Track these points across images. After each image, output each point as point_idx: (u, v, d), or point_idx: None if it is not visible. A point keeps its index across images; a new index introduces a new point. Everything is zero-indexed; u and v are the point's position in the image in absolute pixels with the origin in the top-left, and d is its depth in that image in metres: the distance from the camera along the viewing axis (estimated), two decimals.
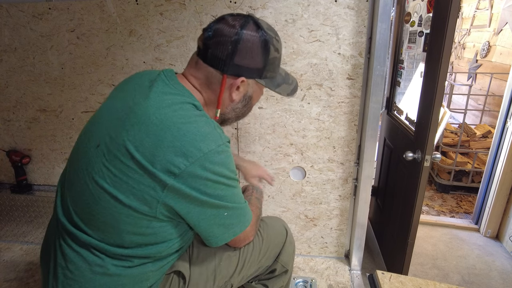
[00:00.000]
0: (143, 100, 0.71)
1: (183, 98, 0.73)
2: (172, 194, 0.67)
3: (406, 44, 1.64)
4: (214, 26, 0.74)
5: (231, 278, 0.92)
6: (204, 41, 0.75)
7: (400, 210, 1.46)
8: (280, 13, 1.30)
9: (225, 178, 0.71)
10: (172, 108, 0.70)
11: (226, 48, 0.73)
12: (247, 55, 0.74)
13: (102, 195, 0.68)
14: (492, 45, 3.39)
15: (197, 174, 0.66)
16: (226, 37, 0.73)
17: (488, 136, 2.74)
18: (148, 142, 0.65)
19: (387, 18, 1.22)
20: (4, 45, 1.55)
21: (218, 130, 0.72)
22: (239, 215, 0.77)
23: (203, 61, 0.76)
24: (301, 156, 1.51)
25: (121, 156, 0.66)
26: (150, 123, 0.67)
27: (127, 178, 0.66)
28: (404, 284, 1.04)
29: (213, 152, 0.67)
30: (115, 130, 0.69)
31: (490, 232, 1.97)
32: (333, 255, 1.69)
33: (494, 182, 1.89)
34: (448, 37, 1.06)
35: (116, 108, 0.74)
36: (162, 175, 0.65)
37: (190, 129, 0.67)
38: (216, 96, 0.79)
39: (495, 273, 1.70)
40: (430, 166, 1.20)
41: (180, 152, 0.65)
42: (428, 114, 1.16)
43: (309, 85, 1.39)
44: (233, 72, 0.76)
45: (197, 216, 0.71)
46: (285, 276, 1.05)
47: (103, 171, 0.68)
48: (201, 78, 0.77)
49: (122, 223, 0.69)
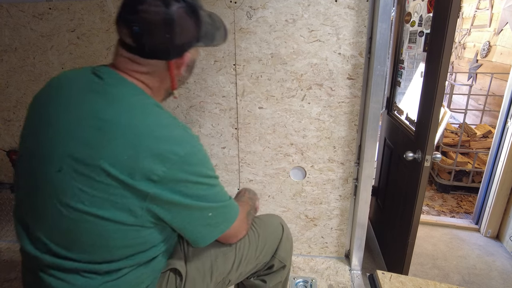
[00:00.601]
0: (103, 112, 0.65)
1: (140, 98, 0.70)
2: (154, 201, 0.66)
3: (406, 44, 1.64)
4: (137, 19, 0.67)
5: (228, 274, 0.93)
6: (134, 38, 0.68)
7: (401, 210, 1.46)
8: (280, 13, 1.30)
9: (205, 177, 0.71)
10: (137, 115, 0.66)
11: (163, 37, 0.68)
12: (183, 31, 0.70)
13: (83, 218, 0.65)
14: (492, 45, 3.39)
15: (176, 178, 0.66)
16: (157, 25, 0.67)
17: (488, 136, 2.73)
18: (123, 156, 0.63)
19: (387, 18, 1.22)
20: (5, 45, 1.55)
21: (188, 130, 0.72)
22: (224, 212, 0.78)
23: (142, 57, 0.71)
24: (301, 156, 1.50)
25: (96, 176, 0.63)
26: (123, 138, 0.64)
27: (107, 195, 0.64)
28: (404, 284, 1.04)
29: (189, 154, 0.67)
30: (79, 151, 0.64)
31: (491, 232, 1.97)
32: (334, 255, 1.69)
33: (495, 182, 1.89)
34: (448, 37, 1.06)
35: (64, 125, 0.67)
36: (143, 185, 0.64)
37: (164, 134, 0.66)
38: (163, 82, 0.77)
39: (495, 273, 1.70)
40: (430, 166, 1.20)
41: (157, 159, 0.64)
42: (429, 114, 1.16)
43: (309, 85, 1.39)
44: (177, 54, 0.73)
45: (182, 221, 0.71)
46: (283, 271, 1.06)
47: (77, 194, 0.64)
48: (145, 71, 0.73)
49: (111, 239, 0.67)
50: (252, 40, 1.35)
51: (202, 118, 1.50)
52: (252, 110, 1.45)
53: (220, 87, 1.43)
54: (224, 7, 1.32)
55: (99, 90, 0.68)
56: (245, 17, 1.32)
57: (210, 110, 1.48)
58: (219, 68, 1.40)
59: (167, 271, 0.83)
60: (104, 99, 0.67)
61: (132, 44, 0.69)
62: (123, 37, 0.70)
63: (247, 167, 1.56)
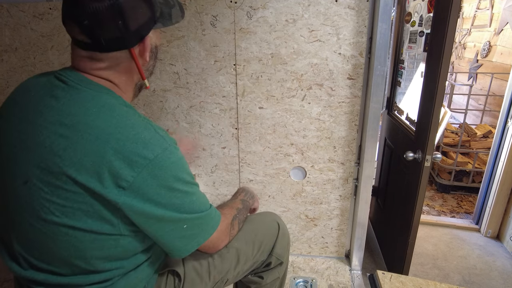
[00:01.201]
0: (65, 117, 0.62)
1: (105, 98, 0.65)
2: (127, 210, 0.62)
3: (406, 44, 1.64)
4: (83, 12, 0.61)
5: (226, 274, 0.93)
6: (86, 34, 0.63)
7: (401, 210, 1.46)
8: (280, 13, 1.30)
9: (179, 183, 0.66)
10: (101, 117, 0.62)
11: (116, 24, 0.63)
12: (135, 14, 0.65)
13: (56, 230, 0.62)
14: (492, 45, 3.39)
15: (147, 183, 0.61)
16: (105, 13, 0.61)
17: (488, 136, 2.73)
18: (88, 161, 0.59)
19: (387, 18, 1.22)
20: (5, 45, 1.55)
21: (160, 132, 0.66)
22: (200, 224, 0.73)
23: (100, 51, 0.65)
24: (301, 156, 1.50)
25: (63, 185, 0.60)
26: (84, 142, 0.60)
27: (78, 204, 0.61)
28: (405, 284, 1.04)
29: (160, 157, 0.62)
30: (44, 160, 0.61)
31: (491, 232, 1.97)
32: (334, 255, 1.69)
33: (495, 182, 1.89)
34: (448, 37, 1.06)
35: (27, 134, 0.63)
36: (112, 192, 0.60)
37: (130, 137, 0.61)
38: (129, 74, 0.72)
39: (495, 273, 1.69)
40: (430, 166, 1.20)
41: (124, 164, 0.60)
42: (429, 114, 1.16)
43: (309, 85, 1.39)
44: (136, 39, 0.68)
45: (155, 232, 0.67)
46: (280, 268, 1.06)
47: (47, 206, 0.61)
48: (107, 66, 0.68)
49: (88, 250, 0.64)
50: (253, 40, 1.35)
51: (202, 118, 1.50)
52: (252, 110, 1.45)
53: (220, 87, 1.44)
54: (224, 7, 1.32)
55: (61, 95, 0.64)
56: (245, 17, 1.32)
57: (210, 110, 1.48)
58: (219, 68, 1.40)
59: (165, 272, 0.83)
60: (66, 104, 0.63)
61: (86, 40, 0.64)
62: (75, 35, 0.65)
63: (247, 167, 1.56)
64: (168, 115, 1.51)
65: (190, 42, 1.39)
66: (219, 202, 1.63)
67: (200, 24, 1.35)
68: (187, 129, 1.53)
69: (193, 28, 1.36)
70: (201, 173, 1.60)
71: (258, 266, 1.03)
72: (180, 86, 1.46)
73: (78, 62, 0.68)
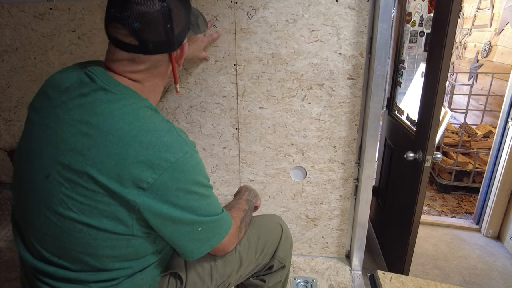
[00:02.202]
0: (91, 117, 0.63)
1: (132, 102, 0.67)
2: (145, 211, 0.63)
3: (407, 44, 1.64)
4: (133, 14, 0.62)
5: (229, 277, 0.92)
6: (135, 36, 0.64)
7: (401, 210, 1.46)
8: (281, 13, 1.30)
9: (198, 186, 0.68)
10: (126, 119, 0.63)
11: (165, 28, 0.66)
12: (179, 19, 0.68)
13: (71, 225, 0.64)
14: (493, 45, 3.39)
15: (167, 185, 0.63)
16: (156, 17, 0.64)
17: (489, 136, 2.73)
18: (110, 162, 0.60)
19: (388, 18, 1.22)
20: (5, 45, 1.55)
21: (182, 135, 0.68)
22: (214, 227, 0.74)
23: (145, 53, 0.68)
24: (301, 156, 1.50)
25: (84, 183, 0.61)
26: (108, 143, 0.61)
27: (95, 203, 0.62)
28: (405, 284, 1.04)
29: (180, 160, 0.64)
30: (67, 157, 0.62)
31: (491, 232, 1.97)
32: (334, 255, 1.69)
33: (495, 182, 1.89)
34: (449, 37, 1.06)
35: (54, 130, 0.65)
36: (132, 193, 0.61)
37: (152, 140, 0.63)
38: (163, 77, 0.74)
39: (496, 274, 1.69)
40: (431, 166, 1.20)
41: (146, 166, 0.61)
42: (429, 114, 1.16)
43: (310, 85, 1.39)
44: (178, 44, 0.71)
45: (171, 234, 0.69)
46: (282, 271, 1.06)
47: (65, 201, 0.63)
48: (145, 69, 0.70)
49: (100, 248, 0.65)
50: (253, 40, 1.35)
51: (202, 118, 1.50)
52: (253, 110, 1.45)
53: (221, 87, 1.44)
54: (225, 7, 1.32)
55: (89, 93, 0.65)
56: (245, 17, 1.32)
57: (210, 110, 1.48)
58: (220, 68, 1.41)
59: (167, 275, 0.83)
60: (93, 103, 0.64)
61: (133, 42, 0.65)
62: (121, 37, 0.65)
63: (248, 167, 1.56)
64: (169, 115, 1.51)
65: None
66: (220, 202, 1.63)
67: None
68: (187, 129, 1.53)
69: None
70: None
71: (260, 269, 1.03)
72: (180, 86, 1.46)
73: (114, 64, 0.69)
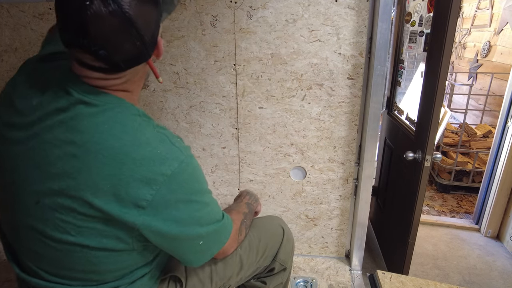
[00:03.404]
0: (75, 135, 0.58)
1: (116, 110, 0.61)
2: (145, 230, 0.61)
3: (406, 44, 1.64)
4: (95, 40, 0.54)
5: (229, 280, 0.92)
6: (104, 62, 0.57)
7: (401, 210, 1.46)
8: (280, 13, 1.30)
9: (197, 195, 0.66)
10: (114, 134, 0.58)
11: (134, 44, 0.57)
12: (148, 22, 0.58)
13: (70, 248, 0.61)
14: (492, 45, 3.39)
15: (166, 199, 0.60)
16: (121, 37, 0.55)
17: (488, 136, 2.73)
18: (105, 185, 0.57)
19: (387, 18, 1.22)
20: (5, 45, 1.55)
21: (176, 143, 0.64)
22: (215, 237, 0.73)
23: (118, 72, 0.60)
24: (301, 156, 1.50)
25: (79, 208, 0.58)
26: (99, 164, 0.57)
27: (93, 225, 0.59)
28: (405, 284, 1.04)
29: (177, 171, 0.61)
30: (57, 182, 0.58)
31: (491, 232, 1.97)
32: (334, 255, 1.69)
33: (495, 182, 1.89)
34: (448, 37, 1.06)
35: (37, 152, 0.59)
36: (131, 213, 0.58)
37: (146, 155, 0.59)
38: (142, 78, 0.68)
39: (495, 273, 1.69)
40: (430, 166, 1.20)
41: (142, 183, 0.58)
42: (429, 114, 1.16)
43: (309, 85, 1.39)
44: (152, 48, 0.62)
45: (171, 248, 0.68)
46: (283, 274, 1.05)
47: (61, 226, 0.59)
48: (121, 83, 0.63)
49: (102, 264, 0.64)
50: (252, 40, 1.35)
51: (202, 118, 1.50)
52: (252, 110, 1.45)
53: (220, 87, 1.43)
54: (224, 7, 1.32)
55: (67, 107, 0.59)
56: (245, 17, 1.32)
57: (210, 110, 1.48)
58: (219, 68, 1.40)
59: (166, 278, 0.82)
60: (74, 119, 0.58)
61: (103, 66, 0.58)
62: (87, 61, 0.57)
63: (248, 167, 1.56)
64: (168, 115, 1.51)
65: (190, 42, 1.39)
66: (219, 202, 1.63)
67: (200, 24, 1.35)
68: (187, 129, 1.53)
69: (193, 28, 1.36)
70: None
71: (261, 271, 1.02)
72: (180, 86, 1.46)
73: (85, 79, 0.61)
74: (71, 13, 0.53)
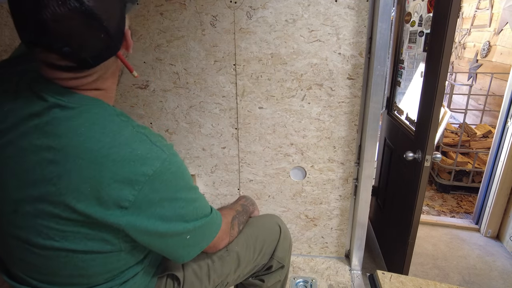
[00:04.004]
0: (52, 140, 0.56)
1: (93, 111, 0.59)
2: (130, 230, 0.60)
3: (406, 44, 1.64)
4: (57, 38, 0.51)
5: (226, 278, 0.92)
6: (70, 59, 0.55)
7: (401, 210, 1.46)
8: (280, 13, 1.30)
9: (182, 192, 0.64)
10: (92, 136, 0.57)
11: (99, 37, 0.55)
12: (112, 12, 0.56)
13: (55, 253, 0.60)
14: (492, 45, 3.39)
15: (149, 198, 0.59)
16: (85, 31, 0.52)
17: (488, 136, 2.73)
18: (86, 188, 0.56)
19: (387, 18, 1.22)
20: (5, 45, 1.55)
21: (157, 142, 0.62)
22: (204, 231, 0.73)
23: (87, 68, 0.58)
24: (301, 156, 1.50)
25: (62, 213, 0.57)
26: (79, 168, 0.56)
27: (77, 229, 0.58)
28: (405, 284, 1.04)
29: (159, 171, 0.59)
30: (37, 188, 0.57)
31: (491, 232, 1.97)
32: (334, 255, 1.69)
33: (495, 182, 1.89)
34: (448, 37, 1.06)
35: (14, 159, 0.58)
36: (115, 214, 0.57)
37: (126, 156, 0.57)
38: (115, 73, 0.66)
39: (495, 273, 1.70)
40: (430, 166, 1.20)
41: (123, 184, 0.57)
42: (429, 114, 1.16)
43: (309, 85, 1.39)
44: (120, 40, 0.60)
45: (159, 246, 0.67)
46: (281, 271, 1.06)
47: (44, 231, 0.58)
48: (93, 80, 0.61)
49: (90, 267, 0.63)
50: (252, 40, 1.35)
51: (202, 118, 1.50)
52: (252, 110, 1.45)
53: (220, 87, 1.43)
54: (224, 7, 1.32)
55: (42, 112, 0.57)
56: (245, 17, 1.32)
57: (210, 110, 1.48)
58: (219, 68, 1.40)
59: (164, 276, 0.82)
60: (50, 123, 0.57)
61: (70, 64, 0.56)
62: (52, 61, 0.55)
63: (247, 167, 1.56)
64: (168, 115, 1.51)
65: (190, 42, 1.39)
66: (219, 202, 1.64)
67: (200, 24, 1.35)
68: (187, 129, 1.53)
69: (193, 28, 1.36)
70: (201, 173, 1.60)
71: (259, 269, 1.03)
72: (180, 86, 1.46)
73: (56, 80, 0.58)
74: (27, 10, 0.49)
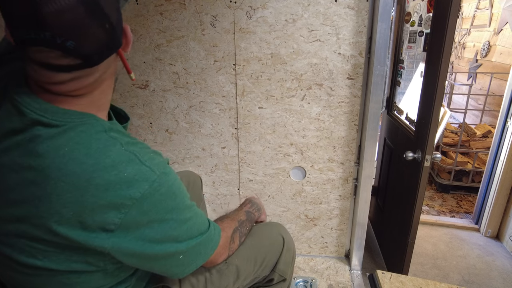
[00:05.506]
0: (33, 159, 0.53)
1: (79, 131, 0.55)
2: (116, 253, 0.57)
3: (406, 44, 1.64)
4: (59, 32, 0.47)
5: None
6: (75, 55, 0.51)
7: (400, 210, 1.46)
8: (280, 13, 1.30)
9: (173, 213, 0.60)
10: (75, 157, 0.53)
11: (103, 28, 0.52)
12: (109, 3, 0.52)
13: (39, 272, 0.58)
14: (492, 44, 3.39)
15: (137, 221, 0.56)
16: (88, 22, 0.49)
17: (488, 136, 2.73)
18: (68, 212, 0.53)
19: (387, 18, 1.22)
20: None
21: (147, 161, 0.57)
22: (199, 249, 0.68)
23: (91, 66, 0.54)
24: (301, 156, 1.50)
25: (43, 235, 0.54)
26: (60, 192, 0.52)
27: (61, 250, 0.55)
28: (404, 284, 1.04)
29: (147, 193, 0.56)
30: (18, 209, 0.54)
31: (491, 232, 1.97)
32: (333, 255, 1.69)
33: (495, 182, 1.89)
34: (448, 37, 1.06)
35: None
36: (99, 237, 0.54)
37: (111, 180, 0.54)
38: (111, 76, 0.62)
39: (495, 273, 1.70)
40: (430, 166, 1.20)
41: (108, 208, 0.54)
42: (428, 113, 1.16)
43: (309, 85, 1.39)
44: (121, 33, 0.57)
45: (149, 267, 0.64)
46: (283, 284, 1.02)
47: (27, 250, 0.56)
48: (94, 80, 0.57)
49: (76, 284, 0.60)
50: (252, 40, 1.35)
51: (202, 118, 1.50)
52: (252, 110, 1.45)
53: (220, 87, 1.43)
54: (224, 7, 1.31)
55: (23, 129, 0.53)
56: (245, 17, 1.32)
57: (210, 110, 1.48)
58: (219, 68, 1.40)
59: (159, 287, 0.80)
60: (32, 141, 0.53)
61: (74, 62, 0.52)
62: (53, 61, 0.51)
63: (247, 167, 1.56)
64: (168, 115, 1.51)
65: (189, 42, 1.38)
66: (219, 202, 1.64)
67: (199, 24, 1.35)
68: (187, 129, 1.53)
69: (193, 28, 1.36)
70: (201, 173, 1.60)
71: (260, 281, 0.99)
72: (179, 86, 1.46)
73: (53, 86, 0.54)
74: (25, 5, 0.45)
